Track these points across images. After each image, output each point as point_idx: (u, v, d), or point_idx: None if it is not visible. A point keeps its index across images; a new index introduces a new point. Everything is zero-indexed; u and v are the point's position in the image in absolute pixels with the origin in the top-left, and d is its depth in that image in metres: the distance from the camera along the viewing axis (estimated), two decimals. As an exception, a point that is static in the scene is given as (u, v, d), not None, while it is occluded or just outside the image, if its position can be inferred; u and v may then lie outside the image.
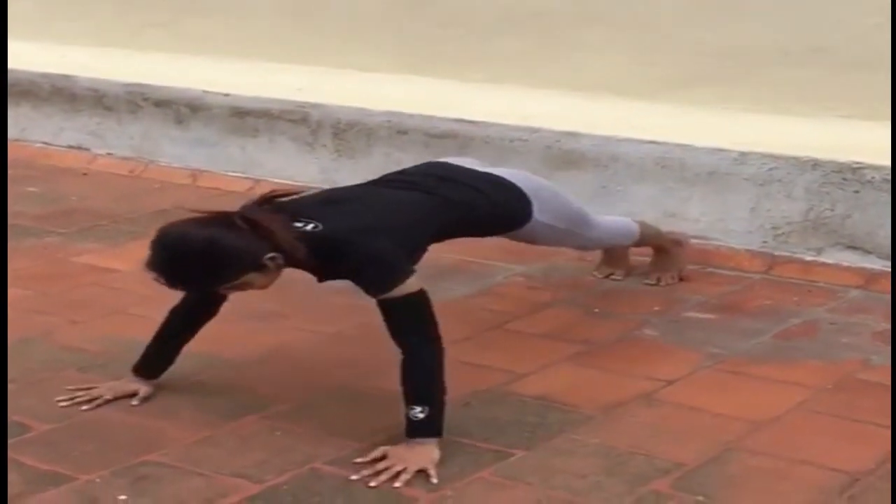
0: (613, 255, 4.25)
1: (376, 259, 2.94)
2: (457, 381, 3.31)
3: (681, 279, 4.20)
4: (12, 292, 4.03)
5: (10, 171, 5.62)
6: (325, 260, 2.97)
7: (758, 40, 4.80)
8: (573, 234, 3.72)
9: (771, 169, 4.32)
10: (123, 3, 6.25)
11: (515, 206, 3.46)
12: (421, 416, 2.87)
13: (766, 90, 4.78)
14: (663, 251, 4.20)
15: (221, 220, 2.93)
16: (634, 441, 3.02)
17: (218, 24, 5.94)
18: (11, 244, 4.55)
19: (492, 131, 4.77)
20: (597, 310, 3.98)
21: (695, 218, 4.48)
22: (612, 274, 4.26)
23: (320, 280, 3.12)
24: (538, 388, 3.33)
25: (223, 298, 3.20)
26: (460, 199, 3.30)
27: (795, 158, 4.29)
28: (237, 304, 3.46)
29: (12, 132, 6.04)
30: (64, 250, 4.50)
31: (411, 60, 5.40)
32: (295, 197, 3.13)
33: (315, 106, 5.15)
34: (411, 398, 2.89)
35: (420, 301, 2.93)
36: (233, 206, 4.81)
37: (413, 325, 2.92)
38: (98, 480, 2.78)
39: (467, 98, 5.07)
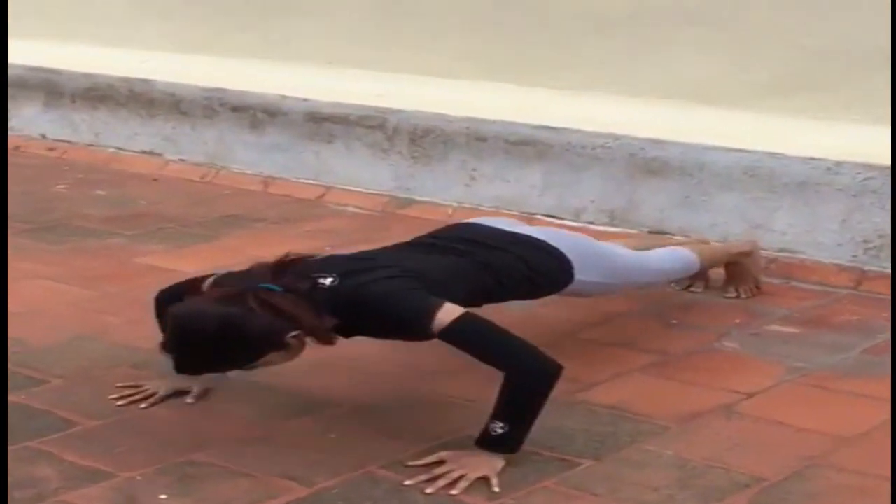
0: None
1: (393, 299, 2.76)
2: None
3: (758, 288, 4.00)
4: (71, 291, 3.96)
5: (78, 176, 5.59)
6: (348, 315, 2.77)
7: (856, 44, 4.59)
8: (625, 283, 3.53)
9: (865, 179, 4.09)
10: (206, 8, 6.19)
11: (554, 268, 3.21)
12: (500, 431, 2.70)
13: (864, 96, 4.54)
14: (733, 264, 4.00)
15: (239, 299, 2.71)
16: (711, 454, 2.83)
17: (299, 29, 5.86)
18: (73, 244, 4.49)
19: (573, 138, 4.59)
20: (674, 321, 3.79)
21: (781, 230, 4.26)
22: (690, 286, 4.06)
23: (347, 337, 2.90)
24: (609, 398, 3.15)
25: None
26: (493, 263, 3.06)
27: (893, 168, 4.07)
28: None
29: (87, 137, 5.99)
30: (127, 251, 4.41)
31: (494, 67, 5.27)
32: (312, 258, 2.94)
33: (393, 111, 5.02)
34: (498, 413, 2.70)
35: (473, 321, 2.74)
36: (303, 216, 4.76)
37: (489, 346, 2.72)
38: (139, 478, 2.66)
39: (550, 105, 4.91)
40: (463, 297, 2.86)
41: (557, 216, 4.63)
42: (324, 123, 5.21)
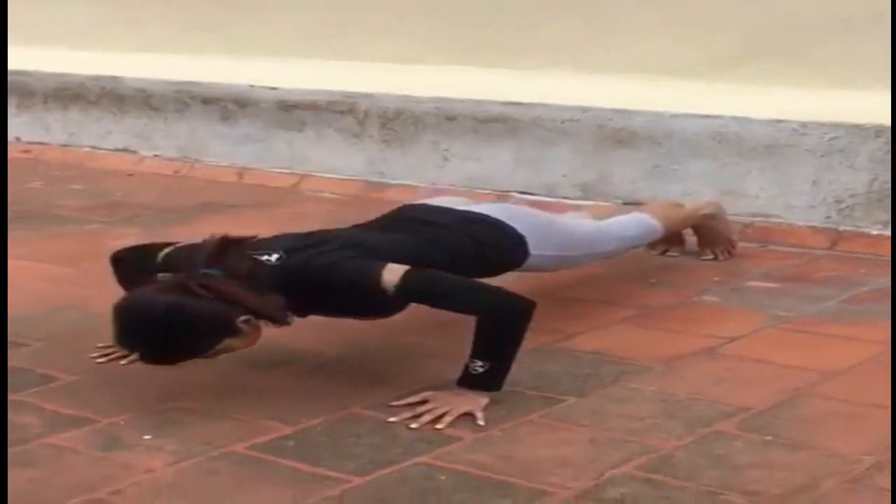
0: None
1: (343, 265, 2.73)
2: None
3: (733, 248, 4.00)
4: (49, 268, 3.94)
5: (54, 174, 5.57)
6: (297, 291, 2.74)
7: (814, 11, 4.61)
8: (585, 255, 3.49)
9: (832, 139, 4.11)
10: (171, 7, 6.19)
11: (506, 244, 3.17)
12: (480, 369, 2.67)
13: (825, 63, 4.57)
14: (699, 227, 4.00)
15: (179, 289, 2.67)
16: (696, 389, 2.83)
17: (266, 24, 5.86)
18: (50, 230, 4.48)
19: (541, 112, 4.60)
20: (653, 280, 3.79)
21: (754, 194, 4.28)
22: (667, 251, 4.06)
23: (303, 316, 2.87)
24: (592, 345, 3.15)
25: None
26: (442, 239, 3.01)
27: (857, 126, 4.08)
28: None
29: (61, 137, 5.97)
30: (104, 235, 4.38)
31: (459, 51, 5.28)
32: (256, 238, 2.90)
33: (362, 96, 5.02)
34: (476, 351, 2.68)
35: (425, 273, 2.72)
36: (277, 202, 4.72)
37: (455, 293, 2.72)
38: (122, 423, 2.63)
39: (516, 84, 4.92)
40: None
41: (530, 192, 4.62)
42: (294, 111, 5.21)
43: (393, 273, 2.70)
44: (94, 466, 2.41)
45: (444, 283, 2.75)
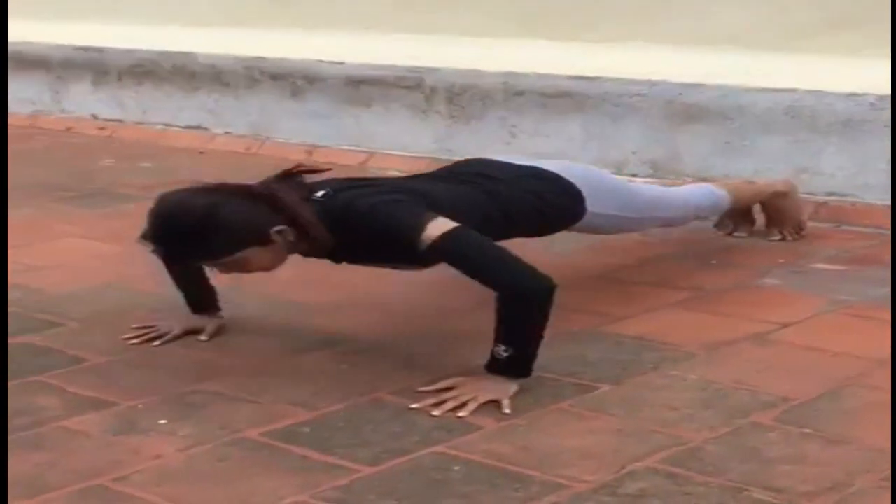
0: (735, 210, 3.90)
1: (386, 207, 2.65)
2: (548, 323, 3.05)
3: (802, 230, 3.84)
4: (100, 247, 3.94)
5: (127, 151, 5.58)
6: (338, 231, 2.68)
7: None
8: (646, 219, 3.38)
9: (912, 112, 3.92)
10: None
11: (564, 200, 3.08)
12: (505, 354, 2.57)
13: None
14: (770, 206, 3.84)
15: (231, 188, 2.68)
16: (738, 377, 2.69)
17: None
18: (112, 208, 4.48)
19: (609, 87, 4.46)
20: (714, 262, 3.65)
21: (829, 172, 4.10)
22: (734, 231, 3.91)
23: (337, 261, 2.84)
24: (637, 330, 3.02)
25: None
26: (501, 193, 2.93)
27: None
28: None
29: (136, 114, 5.98)
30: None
31: (525, 23, 5.15)
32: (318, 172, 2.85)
33: (429, 70, 4.92)
34: (499, 336, 2.58)
35: (466, 235, 2.61)
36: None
37: (480, 263, 2.60)
38: (141, 406, 2.58)
39: (585, 57, 4.79)
40: (465, 223, 2.73)
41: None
42: (361, 87, 5.14)
43: (437, 228, 2.60)
44: (103, 451, 2.36)
45: (476, 250, 2.63)
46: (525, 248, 3.72)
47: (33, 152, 5.72)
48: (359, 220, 2.67)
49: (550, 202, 3.04)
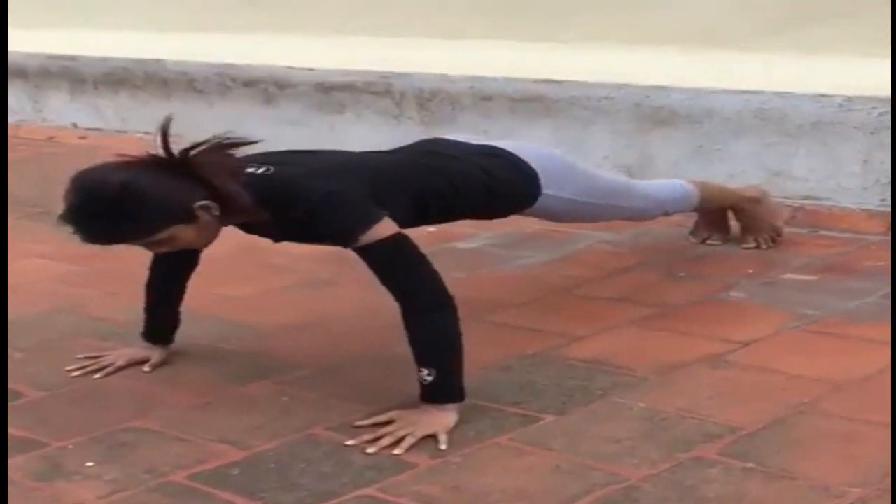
0: (709, 217, 3.81)
1: (333, 199, 2.52)
2: (503, 345, 2.99)
3: (778, 237, 3.75)
4: (60, 267, 3.85)
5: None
6: (277, 209, 2.55)
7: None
8: (606, 206, 3.27)
9: (881, 114, 3.81)
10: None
11: (517, 178, 2.98)
12: (429, 378, 2.50)
13: (870, 28, 4.22)
14: (741, 211, 3.75)
15: (149, 161, 2.52)
16: (687, 405, 2.60)
17: (298, 2, 5.70)
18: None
19: (577, 91, 4.37)
20: (682, 273, 3.56)
21: (803, 176, 4.00)
22: (707, 238, 3.83)
23: (276, 240, 2.75)
24: (591, 352, 2.94)
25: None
26: (449, 167, 2.85)
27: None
28: (289, 274, 3.32)
29: (115, 123, 5.91)
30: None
31: (494, 24, 5.05)
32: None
33: (398, 76, 4.84)
34: (417, 359, 2.51)
35: (400, 245, 2.52)
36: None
37: (401, 274, 2.52)
38: (71, 447, 2.51)
39: (550, 59, 4.69)
40: (413, 195, 2.70)
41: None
42: (332, 93, 5.05)
43: (378, 232, 2.50)
44: (24, 500, 2.29)
45: (401, 263, 2.53)
46: (492, 260, 3.67)
47: (11, 164, 5.65)
48: (306, 206, 2.54)
49: (500, 178, 2.94)
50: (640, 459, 2.36)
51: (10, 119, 6.34)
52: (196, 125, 5.55)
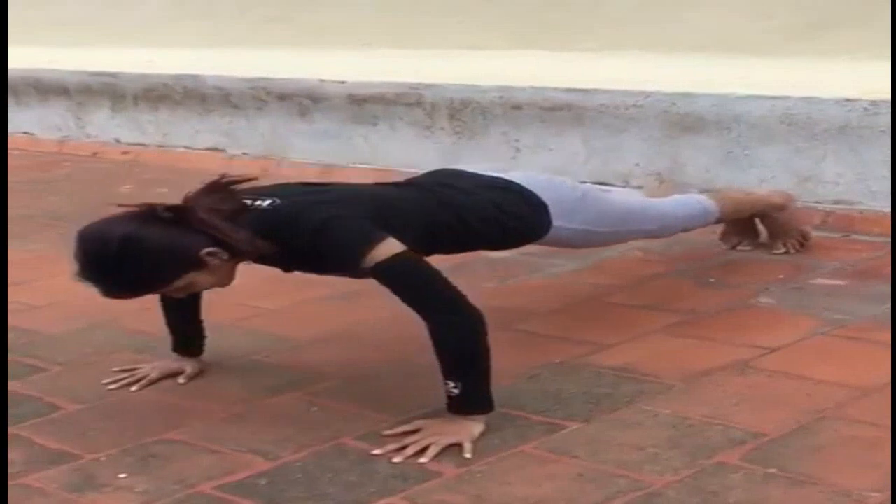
0: (738, 223, 3.82)
1: (333, 223, 2.57)
2: (532, 353, 3.02)
3: (805, 241, 3.75)
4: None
5: (147, 177, 5.58)
6: (283, 241, 2.60)
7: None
8: (620, 232, 3.29)
9: (907, 117, 3.81)
10: (242, 3, 6.16)
11: (527, 213, 3.00)
12: (455, 391, 2.53)
13: (888, 35, 4.22)
14: (767, 218, 3.76)
15: (147, 213, 2.57)
16: (712, 411, 2.62)
17: (332, 17, 5.76)
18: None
19: (604, 99, 4.39)
20: (712, 280, 3.57)
21: (832, 180, 4.00)
22: (738, 244, 3.84)
23: (286, 270, 2.79)
24: (617, 360, 2.96)
25: None
26: (459, 202, 2.87)
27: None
28: (323, 286, 3.26)
29: (156, 138, 5.99)
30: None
31: (520, 35, 5.09)
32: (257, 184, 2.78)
33: (427, 86, 4.88)
34: (443, 372, 2.55)
35: (409, 262, 2.56)
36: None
37: (416, 290, 2.56)
38: (104, 459, 2.56)
39: (578, 67, 4.72)
40: (422, 228, 2.73)
41: (605, 182, 4.41)
42: (365, 105, 5.10)
43: (384, 251, 2.54)
44: (57, 511, 2.35)
45: (415, 278, 2.57)
46: (523, 269, 3.68)
47: (55, 181, 5.75)
48: (307, 234, 2.59)
49: (511, 212, 2.98)
50: (663, 466, 2.38)
51: (55, 136, 6.45)
52: (235, 139, 5.68)
